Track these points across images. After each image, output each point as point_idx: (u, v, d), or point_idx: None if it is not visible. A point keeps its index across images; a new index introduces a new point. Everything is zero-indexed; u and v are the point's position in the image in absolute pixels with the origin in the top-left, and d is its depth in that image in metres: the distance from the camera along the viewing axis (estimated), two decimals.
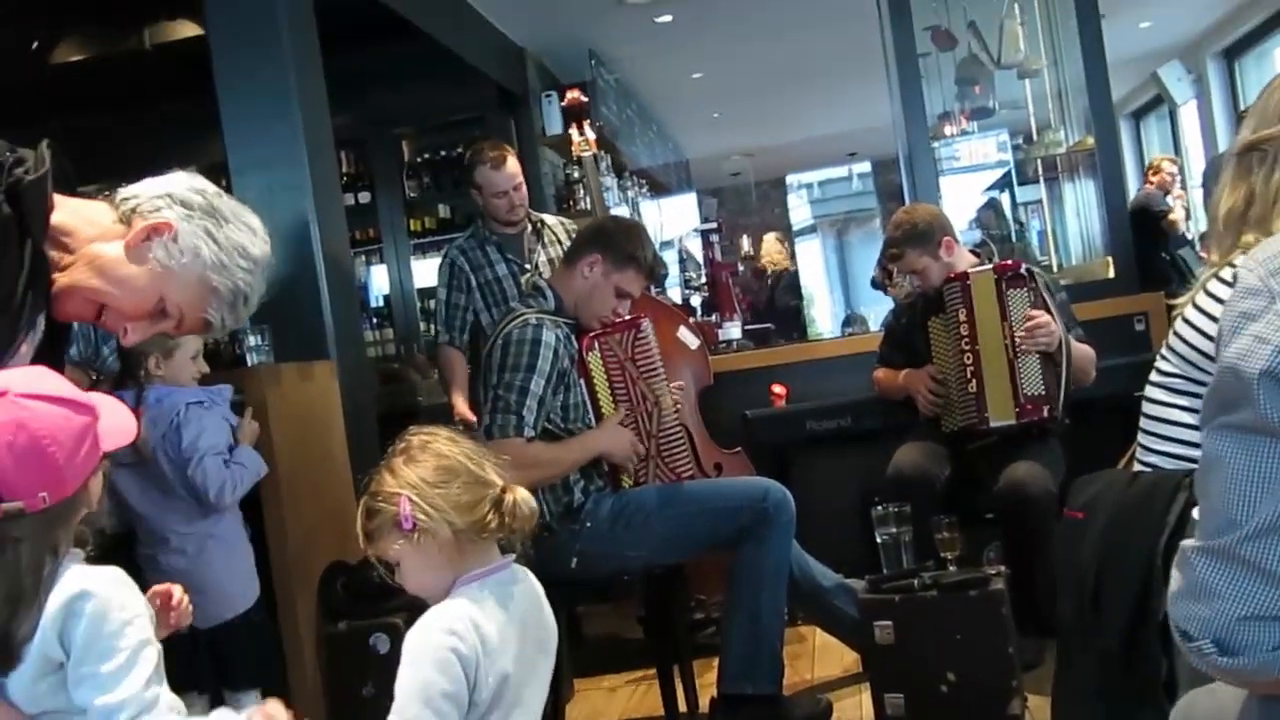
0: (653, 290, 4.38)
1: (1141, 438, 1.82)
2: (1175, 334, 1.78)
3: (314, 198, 3.51)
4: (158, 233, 1.60)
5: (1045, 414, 3.28)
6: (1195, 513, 1.63)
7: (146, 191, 1.68)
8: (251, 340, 3.18)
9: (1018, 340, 3.27)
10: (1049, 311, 3.28)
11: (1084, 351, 3.37)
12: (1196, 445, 1.71)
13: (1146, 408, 1.82)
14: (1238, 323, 1.14)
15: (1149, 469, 1.78)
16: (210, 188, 1.68)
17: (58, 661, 1.32)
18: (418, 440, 1.68)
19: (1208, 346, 1.70)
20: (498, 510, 1.63)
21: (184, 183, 1.65)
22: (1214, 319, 1.67)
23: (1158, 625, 1.64)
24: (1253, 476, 1.10)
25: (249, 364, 3.18)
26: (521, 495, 1.66)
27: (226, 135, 3.57)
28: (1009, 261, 3.46)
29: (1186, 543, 1.20)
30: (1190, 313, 1.74)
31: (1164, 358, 1.81)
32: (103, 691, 1.32)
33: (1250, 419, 1.10)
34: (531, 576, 1.76)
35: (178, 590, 1.61)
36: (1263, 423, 1.09)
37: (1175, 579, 1.20)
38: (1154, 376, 1.82)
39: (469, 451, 1.66)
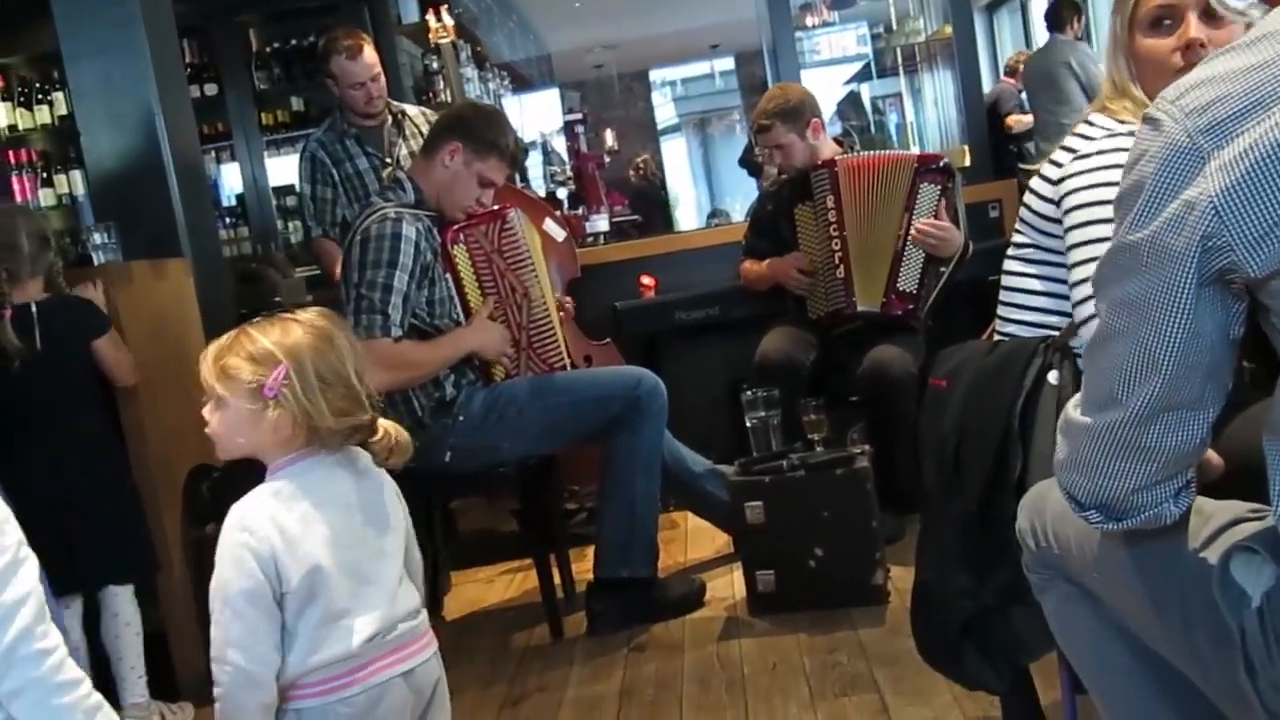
0: (517, 182, 4.30)
1: (1000, 309, 1.90)
2: (1025, 204, 1.86)
3: (157, 86, 3.33)
4: None
5: (908, 311, 3.35)
6: (1052, 377, 1.72)
7: None
8: (97, 238, 3.03)
9: (912, 234, 3.31)
10: (955, 219, 3.32)
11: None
12: (1050, 312, 1.80)
13: (1004, 279, 1.90)
14: (1163, 184, 1.05)
15: (1007, 338, 1.85)
16: None
17: None
18: (326, 325, 1.59)
19: (1047, 209, 1.79)
20: (357, 432, 1.59)
21: None
22: (1051, 182, 1.78)
23: (1013, 486, 1.72)
24: (1135, 356, 1.10)
25: (96, 263, 3.03)
26: (396, 430, 1.63)
27: (58, 21, 3.35)
28: (933, 155, 3.50)
29: (1071, 413, 1.21)
30: (1035, 181, 1.83)
31: (1018, 230, 1.88)
32: None
33: (1138, 293, 1.08)
34: (362, 454, 1.68)
35: None
36: (1159, 295, 1.06)
37: (1061, 447, 1.23)
38: (1010, 250, 1.90)
39: (358, 366, 1.60)
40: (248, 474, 3.19)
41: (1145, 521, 1.18)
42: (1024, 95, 7.56)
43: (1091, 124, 1.78)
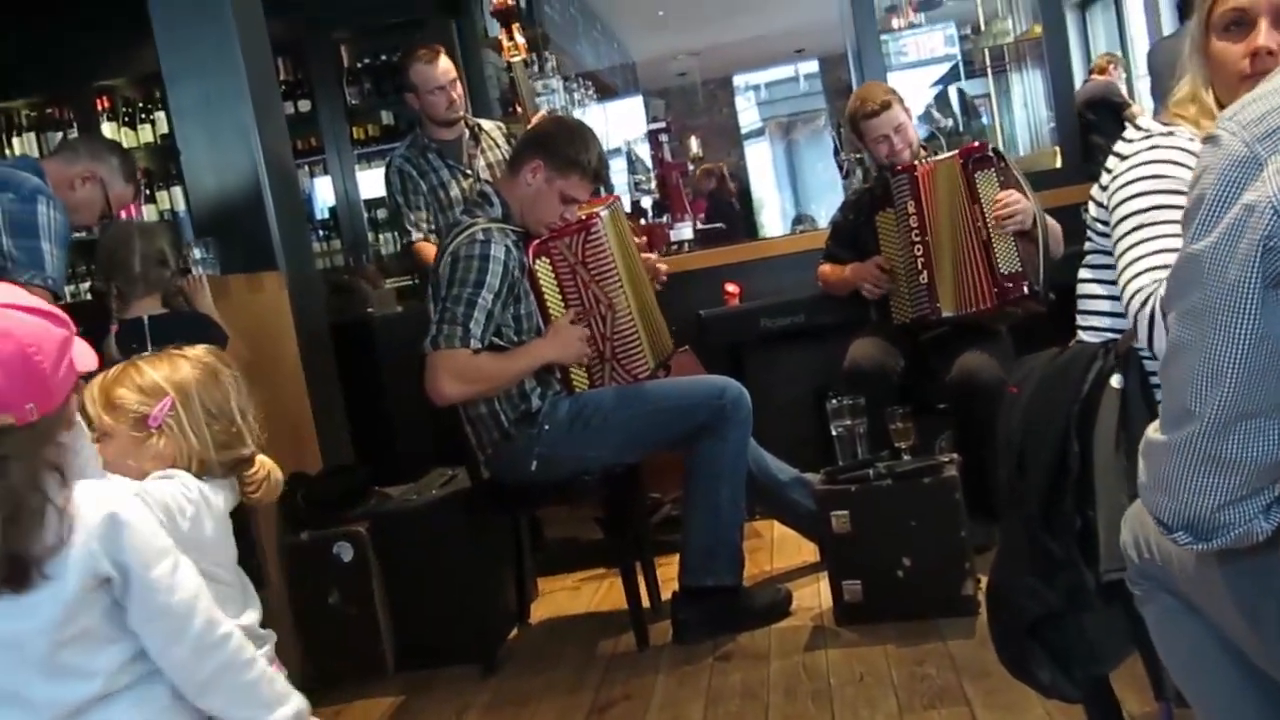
0: (601, 193, 4.34)
1: (1077, 318, 1.89)
2: (1086, 210, 1.85)
3: (253, 104, 3.43)
4: None
5: (1026, 290, 3.24)
6: (1115, 380, 1.70)
7: None
8: (197, 253, 3.13)
9: (990, 222, 3.24)
10: (1021, 190, 3.26)
11: (1054, 225, 3.34)
12: (1113, 315, 1.78)
13: (1078, 287, 1.89)
14: (1223, 191, 1.08)
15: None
16: None
17: (104, 577, 1.32)
18: (213, 361, 1.67)
19: (1101, 214, 1.78)
20: (239, 465, 1.65)
21: None
22: (1104, 188, 1.77)
23: (1072, 488, 1.70)
24: (1204, 363, 1.09)
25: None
26: (273, 471, 1.70)
27: (159, 42, 3.47)
28: (974, 144, 3.45)
29: (1150, 434, 1.20)
30: (1094, 189, 1.82)
31: (1087, 238, 1.87)
32: (172, 592, 1.34)
33: (1203, 301, 1.09)
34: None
35: None
36: (1224, 300, 1.07)
37: (1142, 470, 1.21)
38: (1083, 260, 1.89)
39: (242, 403, 1.67)
40: (342, 480, 3.28)
41: (1236, 540, 1.15)
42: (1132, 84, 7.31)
43: (1138, 128, 1.77)
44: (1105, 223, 1.78)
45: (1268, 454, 1.09)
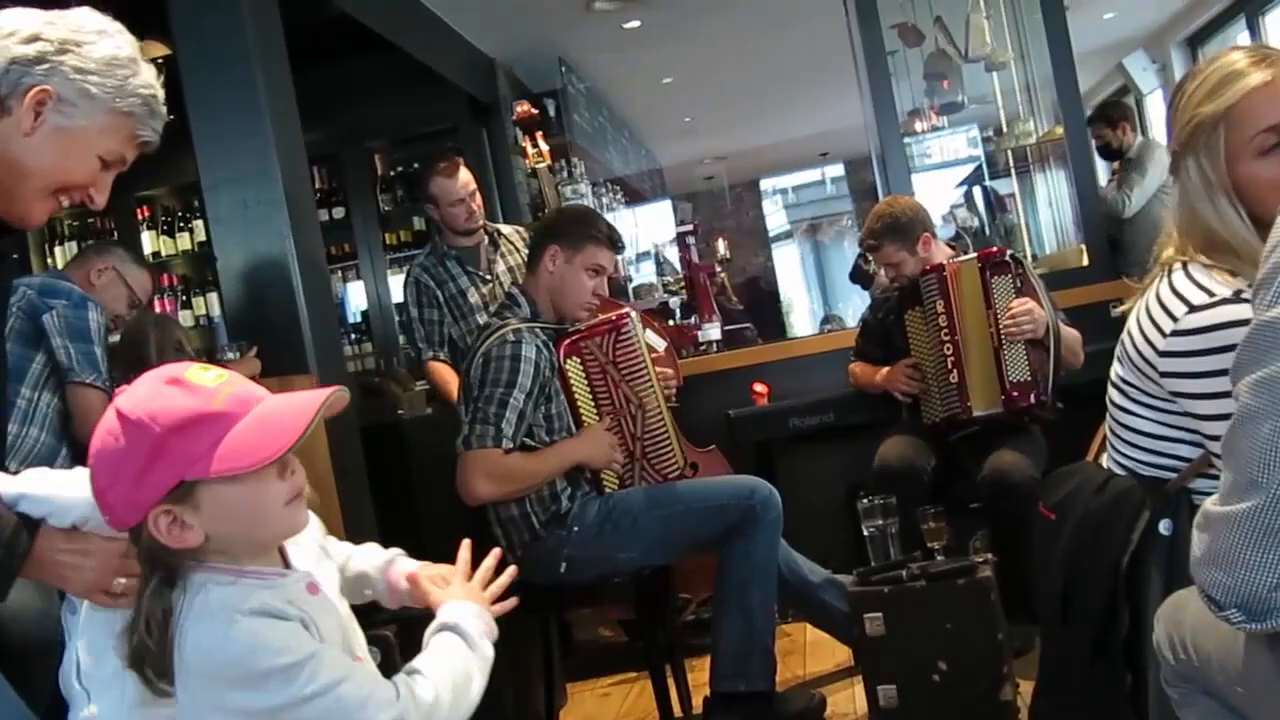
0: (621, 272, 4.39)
1: (1110, 438, 1.81)
2: (1126, 341, 1.72)
3: (289, 213, 3.50)
4: (41, 104, 1.49)
5: (1032, 400, 3.27)
6: (1164, 526, 1.63)
7: None
8: (230, 355, 3.18)
9: (1002, 328, 3.27)
10: (1036, 297, 3.27)
11: (1071, 335, 3.36)
12: (1165, 455, 1.68)
13: (1111, 411, 1.80)
14: None
15: (1121, 470, 1.77)
16: (31, 24, 1.50)
17: None
18: None
19: (1143, 364, 1.66)
20: None
21: (8, 37, 1.49)
22: (1157, 349, 1.61)
23: (1121, 642, 1.64)
24: (1275, 433, 1.06)
25: None
26: None
27: (198, 154, 3.55)
28: (993, 249, 3.47)
29: (1209, 507, 1.17)
30: (1133, 323, 1.70)
31: (1119, 360, 1.76)
32: None
33: (1278, 370, 1.07)
34: None
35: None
36: None
37: (1198, 542, 1.18)
38: (1113, 377, 1.79)
39: None
40: None
41: None
42: None
43: (1194, 282, 1.58)
44: (1145, 373, 1.65)
45: None
